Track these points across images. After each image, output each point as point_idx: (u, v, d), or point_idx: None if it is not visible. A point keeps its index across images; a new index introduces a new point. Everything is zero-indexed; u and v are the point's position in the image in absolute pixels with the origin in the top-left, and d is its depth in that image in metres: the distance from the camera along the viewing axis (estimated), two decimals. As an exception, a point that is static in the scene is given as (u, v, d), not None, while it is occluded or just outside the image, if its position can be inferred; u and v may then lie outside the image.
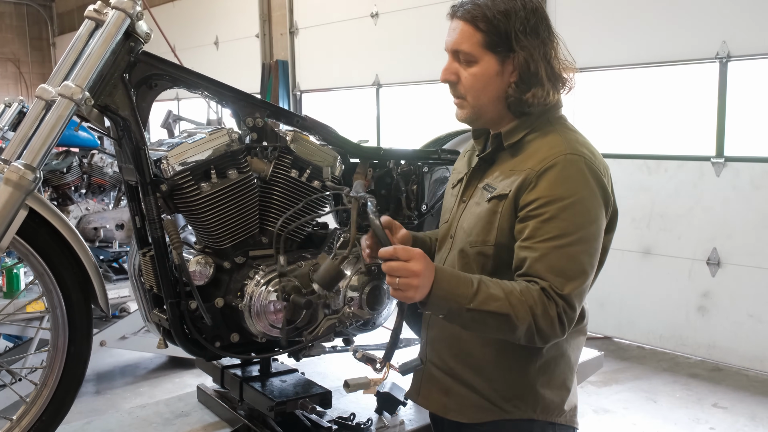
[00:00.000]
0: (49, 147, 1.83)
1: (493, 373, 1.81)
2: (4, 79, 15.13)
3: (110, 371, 5.28)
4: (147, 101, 2.06)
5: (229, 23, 9.96)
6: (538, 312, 1.59)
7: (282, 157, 2.21)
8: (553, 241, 1.62)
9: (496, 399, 1.81)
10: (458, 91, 1.80)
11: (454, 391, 1.86)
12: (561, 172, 1.66)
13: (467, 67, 1.76)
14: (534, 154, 1.72)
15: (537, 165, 1.69)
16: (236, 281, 2.14)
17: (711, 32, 4.98)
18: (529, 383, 1.81)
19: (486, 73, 1.75)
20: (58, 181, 5.28)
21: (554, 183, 1.65)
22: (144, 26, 2.01)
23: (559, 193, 1.64)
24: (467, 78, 1.77)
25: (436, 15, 7.19)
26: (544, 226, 1.63)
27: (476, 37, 1.73)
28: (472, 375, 1.83)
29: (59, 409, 2.03)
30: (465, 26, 1.74)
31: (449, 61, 1.80)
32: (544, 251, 1.62)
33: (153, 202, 2.02)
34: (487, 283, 1.62)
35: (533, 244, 1.64)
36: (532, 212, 1.66)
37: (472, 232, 1.78)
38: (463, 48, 1.75)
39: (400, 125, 7.77)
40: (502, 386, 1.81)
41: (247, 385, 2.31)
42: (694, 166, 5.21)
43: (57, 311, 2.00)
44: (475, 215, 1.80)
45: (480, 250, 1.76)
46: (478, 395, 1.83)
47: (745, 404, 4.51)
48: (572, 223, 1.63)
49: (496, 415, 1.82)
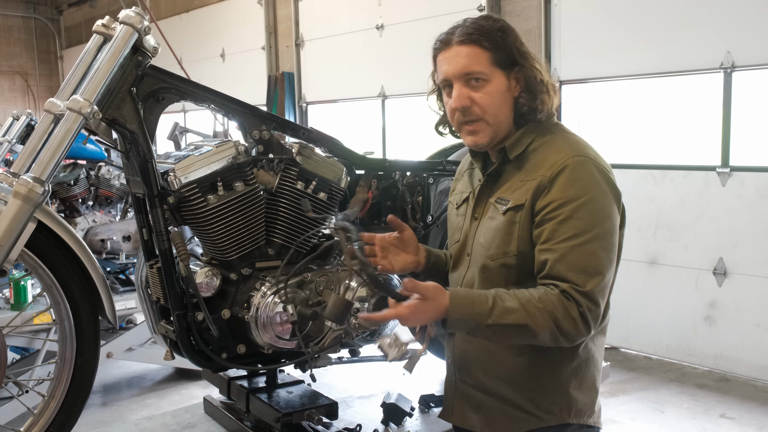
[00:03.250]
0: (57, 160, 1.85)
1: (527, 382, 1.82)
2: (11, 92, 15.21)
3: (117, 383, 5.28)
4: (154, 114, 2.08)
5: (236, 36, 10.01)
6: (559, 315, 1.63)
7: (288, 169, 2.23)
8: (571, 241, 1.66)
9: (531, 408, 1.82)
10: (474, 114, 1.80)
11: (487, 406, 1.85)
12: (571, 174, 1.70)
13: (479, 88, 1.78)
14: (542, 162, 1.75)
15: (548, 171, 1.72)
16: (243, 293, 2.16)
17: (715, 42, 4.98)
18: (562, 388, 1.83)
19: (499, 90, 1.79)
20: (66, 193, 5.30)
21: (566, 185, 1.69)
22: (151, 41, 2.03)
23: (571, 194, 1.68)
24: (483, 98, 1.78)
25: (440, 27, 7.20)
26: (561, 227, 1.67)
27: (485, 56, 1.77)
28: (505, 387, 1.83)
29: (67, 420, 2.04)
30: (470, 49, 1.77)
31: (459, 88, 1.80)
32: (563, 251, 1.66)
33: (160, 214, 2.04)
34: (503, 297, 1.64)
35: (552, 246, 1.68)
36: (548, 215, 1.69)
37: (492, 246, 1.79)
38: (476, 69, 1.77)
39: (406, 137, 7.78)
40: (537, 394, 1.82)
41: (253, 397, 2.32)
42: (700, 175, 5.20)
43: (65, 323, 2.02)
44: (492, 229, 1.80)
45: (502, 262, 1.77)
46: (512, 407, 1.83)
47: (753, 415, 4.48)
48: (587, 221, 1.68)
49: (533, 424, 1.82)
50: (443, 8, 6.70)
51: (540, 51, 6.03)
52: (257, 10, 9.37)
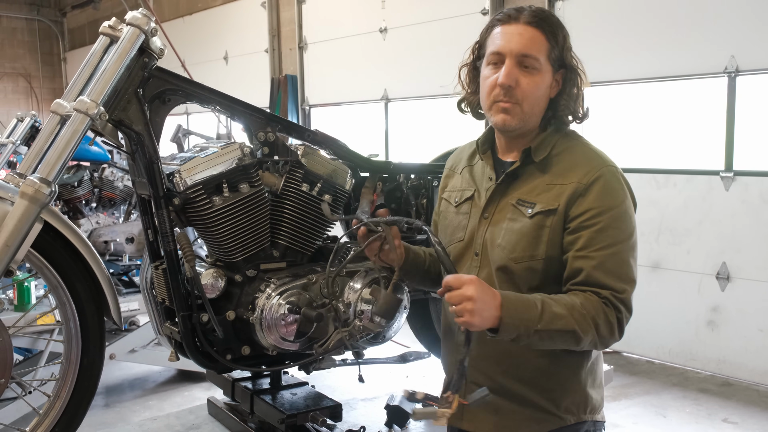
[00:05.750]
0: (64, 161, 1.86)
1: (548, 383, 1.82)
2: (15, 93, 15.24)
3: (119, 384, 5.28)
4: (160, 116, 2.09)
5: (239, 38, 10.02)
6: (601, 321, 1.66)
7: (293, 171, 2.23)
8: (609, 249, 1.69)
9: (552, 408, 1.82)
10: (514, 96, 1.76)
11: (505, 408, 1.83)
12: (607, 183, 1.73)
13: (529, 74, 1.75)
14: (572, 168, 1.76)
15: (583, 178, 1.73)
16: (247, 294, 2.16)
17: (719, 47, 4.99)
18: (581, 387, 1.84)
19: (544, 83, 1.78)
20: (69, 195, 5.31)
21: (603, 194, 1.72)
22: (158, 42, 2.04)
23: (608, 203, 1.72)
24: (528, 84, 1.75)
25: (444, 30, 7.23)
26: (599, 235, 1.70)
27: (545, 45, 1.75)
28: (527, 389, 1.81)
29: (72, 420, 2.05)
30: (535, 33, 1.74)
31: (511, 66, 1.74)
32: (601, 259, 1.68)
33: (166, 215, 2.04)
34: (550, 303, 1.65)
35: (589, 253, 1.69)
36: (585, 223, 1.71)
37: (516, 249, 1.76)
38: (533, 53, 1.74)
39: (409, 140, 7.79)
40: (558, 394, 1.82)
41: (257, 398, 2.32)
42: (703, 180, 5.20)
43: (70, 323, 2.02)
44: (515, 232, 1.78)
45: (528, 265, 1.76)
46: (532, 408, 1.82)
47: (755, 419, 4.47)
48: (623, 231, 1.72)
49: (553, 424, 1.82)
50: (446, 11, 6.71)
51: (543, 55, 6.03)
52: (260, 13, 9.39)
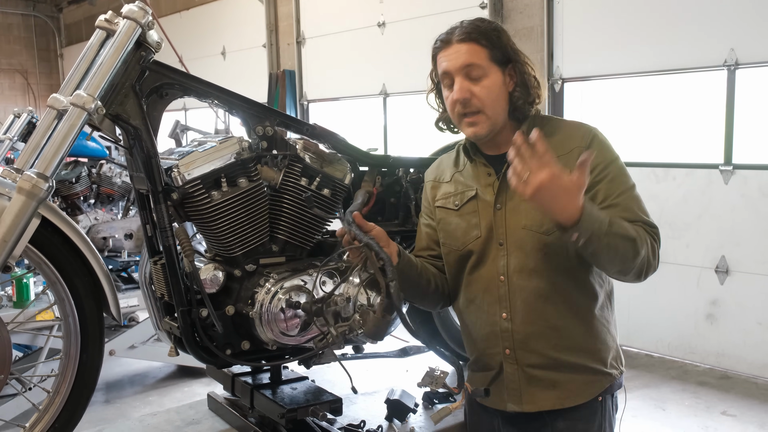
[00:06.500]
0: (61, 156, 1.84)
1: (595, 344, 1.94)
2: (11, 90, 15.21)
3: (119, 380, 5.29)
4: (158, 110, 2.07)
5: (237, 33, 10.00)
6: (648, 239, 1.81)
7: (292, 166, 2.22)
8: (626, 193, 1.86)
9: (602, 367, 1.95)
10: (473, 106, 1.91)
11: (562, 381, 1.93)
12: (602, 141, 1.90)
13: (478, 82, 1.90)
14: (568, 138, 1.91)
15: (581, 141, 1.89)
16: (247, 289, 2.15)
17: (719, 40, 4.98)
18: (614, 340, 2.00)
19: (496, 84, 1.92)
20: (67, 191, 5.30)
21: (602, 149, 1.88)
22: (155, 35, 2.02)
23: (608, 156, 1.88)
24: (481, 91, 1.90)
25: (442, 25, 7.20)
26: (612, 184, 1.86)
27: (483, 52, 1.91)
28: (577, 355, 1.92)
29: (72, 416, 2.03)
30: (469, 46, 1.91)
31: (459, 81, 1.91)
32: (624, 203, 1.84)
33: (164, 210, 2.03)
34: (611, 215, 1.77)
35: (612, 201, 1.84)
36: (597, 177, 1.85)
37: (544, 222, 1.86)
38: (474, 61, 1.89)
39: (407, 134, 7.78)
40: (604, 353, 1.96)
41: (257, 393, 2.31)
42: (703, 173, 5.21)
43: (69, 319, 2.01)
44: (537, 208, 1.82)
45: (559, 234, 1.83)
46: (585, 373, 1.93)
47: (754, 412, 4.49)
48: (629, 178, 1.90)
49: (606, 382, 1.95)
50: (445, 5, 6.70)
51: (542, 48, 6.03)
52: (258, 8, 9.36)
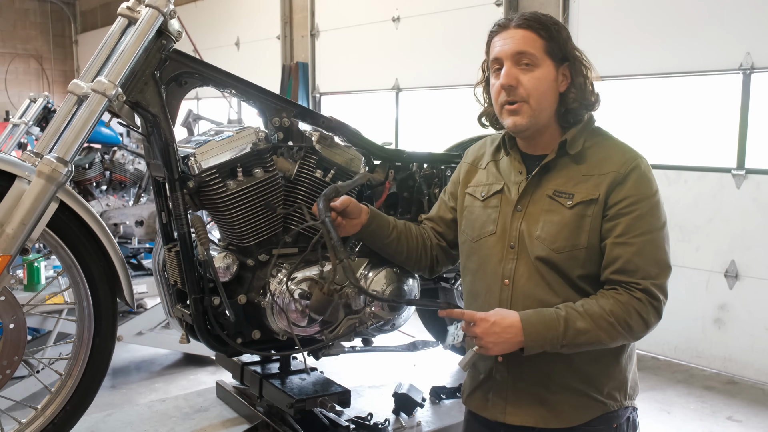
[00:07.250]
0: (81, 142, 1.86)
1: (593, 369, 1.85)
2: (26, 75, 15.27)
3: (126, 366, 5.32)
4: (176, 98, 2.09)
5: (251, 24, 10.01)
6: (632, 321, 1.73)
7: (307, 157, 2.23)
8: (646, 236, 1.76)
9: (596, 395, 1.86)
10: (518, 94, 1.82)
11: (550, 399, 1.85)
12: (643, 173, 1.80)
13: (528, 71, 1.82)
14: (609, 159, 1.82)
15: (621, 167, 1.79)
16: (259, 279, 2.16)
17: (735, 43, 4.96)
18: (622, 372, 1.90)
19: (547, 78, 1.83)
20: (80, 177, 5.33)
21: (639, 183, 1.78)
22: (176, 24, 2.03)
23: (644, 192, 1.78)
24: (530, 81, 1.81)
25: (457, 20, 7.20)
26: (636, 222, 1.76)
27: (539, 42, 1.82)
28: (571, 376, 1.85)
29: (83, 399, 2.06)
30: (526, 33, 1.82)
31: (509, 66, 1.82)
32: (639, 246, 1.75)
33: (180, 198, 2.05)
34: (573, 317, 1.71)
35: (628, 240, 1.75)
36: (623, 210, 1.77)
37: (557, 239, 1.80)
38: (527, 49, 1.81)
39: (419, 129, 7.78)
40: (603, 380, 1.86)
41: (266, 382, 2.33)
42: (715, 177, 5.19)
43: (83, 303, 2.03)
44: (555, 223, 1.80)
45: (570, 254, 1.80)
46: (578, 395, 1.85)
47: (760, 418, 4.47)
48: (658, 219, 1.79)
49: (599, 410, 1.86)
50: (460, 2, 6.68)
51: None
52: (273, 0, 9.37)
